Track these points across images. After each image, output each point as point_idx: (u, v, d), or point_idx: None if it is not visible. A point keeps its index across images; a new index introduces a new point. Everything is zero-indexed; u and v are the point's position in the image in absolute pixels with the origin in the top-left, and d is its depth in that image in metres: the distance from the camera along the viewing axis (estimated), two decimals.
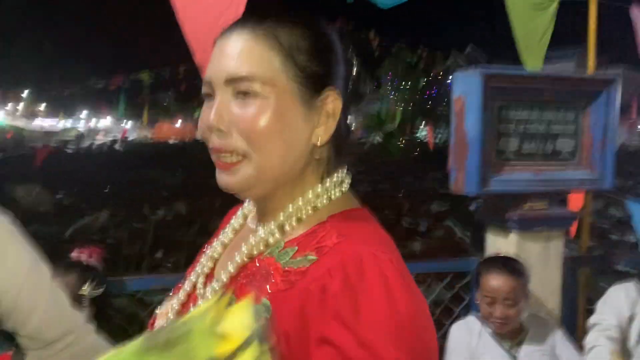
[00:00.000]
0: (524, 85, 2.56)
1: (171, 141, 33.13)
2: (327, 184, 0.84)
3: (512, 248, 2.61)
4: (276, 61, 0.78)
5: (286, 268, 0.76)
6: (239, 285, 0.80)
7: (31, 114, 44.46)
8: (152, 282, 2.31)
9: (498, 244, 2.71)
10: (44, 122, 42.98)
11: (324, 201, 0.83)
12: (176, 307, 0.90)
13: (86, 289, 1.85)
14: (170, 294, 0.97)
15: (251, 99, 0.77)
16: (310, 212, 0.82)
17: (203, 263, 0.92)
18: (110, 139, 31.68)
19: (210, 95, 0.81)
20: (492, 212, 2.73)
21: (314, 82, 0.80)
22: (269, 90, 0.77)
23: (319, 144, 0.81)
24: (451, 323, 2.81)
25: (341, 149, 0.86)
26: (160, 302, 2.59)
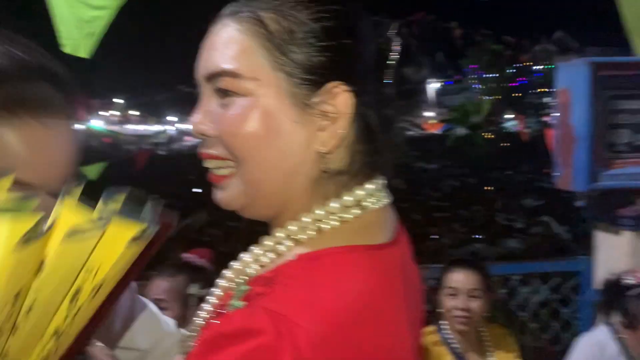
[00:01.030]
0: (636, 72, 2.39)
1: None
2: (333, 206, 0.65)
3: (625, 247, 2.46)
4: (261, 52, 0.64)
5: (227, 310, 0.64)
6: (210, 317, 0.70)
7: (125, 120, 47.32)
8: None
9: (609, 243, 2.56)
10: (136, 127, 45.56)
11: (312, 232, 0.65)
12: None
13: (194, 289, 1.92)
14: None
15: (230, 98, 0.65)
16: (291, 244, 0.66)
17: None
18: (199, 140, 32.97)
19: None
20: (602, 209, 2.57)
21: (312, 75, 0.63)
22: (251, 87, 0.64)
23: (322, 151, 0.64)
24: (563, 327, 2.69)
25: (367, 155, 0.67)
26: None
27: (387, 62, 0.68)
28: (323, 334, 0.54)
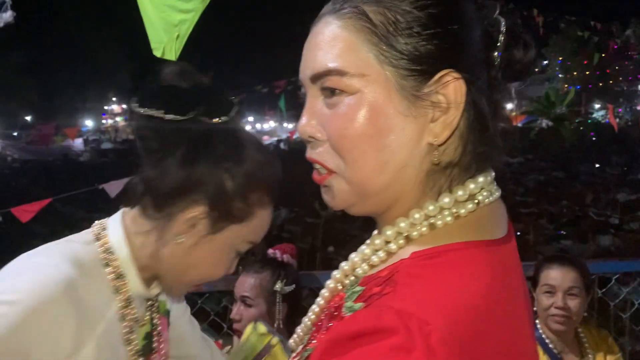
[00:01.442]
0: None
1: None
2: (445, 201, 0.63)
3: None
4: (366, 46, 0.62)
5: (343, 312, 0.64)
6: (320, 318, 0.71)
7: None
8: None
9: None
10: None
11: (424, 229, 0.63)
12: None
13: (279, 286, 1.93)
14: None
15: (337, 97, 0.63)
16: (402, 243, 0.64)
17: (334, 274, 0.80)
18: (276, 139, 33.75)
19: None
20: None
21: (422, 64, 0.61)
22: (358, 83, 0.62)
23: (435, 142, 0.62)
24: None
25: (479, 145, 0.64)
26: None
27: (495, 45, 0.65)
28: (452, 332, 0.52)
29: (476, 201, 0.64)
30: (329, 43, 0.63)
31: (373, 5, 0.62)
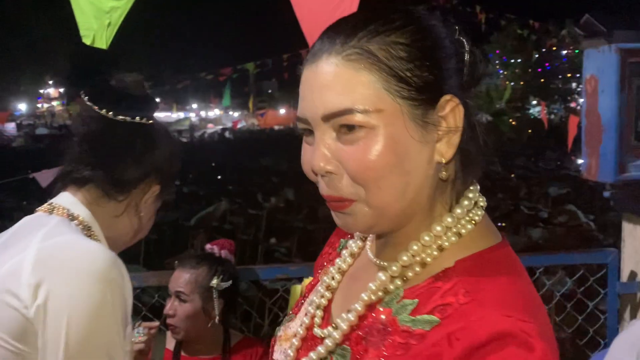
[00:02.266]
0: None
1: (276, 128, 34.19)
2: (458, 212, 0.71)
3: None
4: (377, 82, 0.66)
5: (404, 327, 0.67)
6: (356, 337, 0.72)
7: None
8: (278, 272, 2.39)
9: (637, 234, 2.49)
10: (159, 114, 45.94)
11: (452, 238, 0.70)
12: (296, 344, 0.82)
13: (215, 282, 1.92)
14: (290, 312, 0.91)
15: (356, 132, 0.66)
16: (435, 254, 0.70)
17: (320, 292, 0.83)
18: (221, 127, 33.29)
19: (309, 130, 0.71)
20: (630, 199, 2.50)
21: (427, 93, 0.67)
22: (375, 119, 0.66)
23: (443, 161, 0.69)
24: (584, 319, 2.64)
25: (470, 159, 0.72)
26: (283, 289, 2.64)
27: (464, 63, 0.72)
28: (539, 323, 0.62)
29: (480, 207, 0.73)
30: (339, 82, 0.67)
31: (376, 44, 0.67)
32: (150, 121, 1.20)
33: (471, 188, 0.73)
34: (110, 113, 1.13)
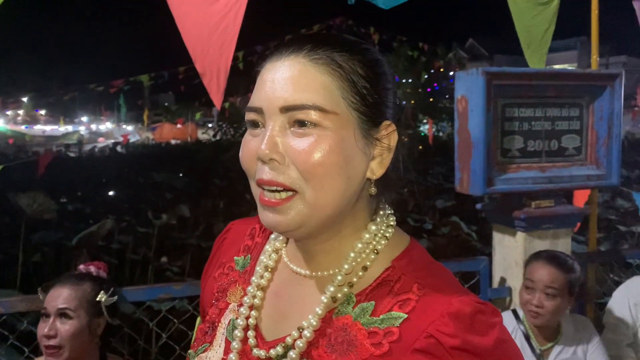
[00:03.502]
0: (527, 83, 2.53)
1: (173, 142, 33.21)
2: (378, 221, 0.79)
3: (520, 247, 2.60)
4: (337, 89, 0.72)
5: (370, 329, 0.71)
6: (318, 351, 0.74)
7: (32, 120, 44.55)
8: (160, 291, 2.30)
9: (505, 243, 2.69)
10: (45, 127, 43.07)
11: (382, 242, 0.78)
12: None
13: (102, 297, 1.86)
14: (197, 344, 0.88)
15: (309, 129, 0.71)
16: (372, 257, 0.77)
17: (244, 312, 0.82)
18: (112, 141, 31.74)
19: (256, 123, 0.75)
20: (499, 211, 2.71)
21: (373, 112, 0.74)
22: (329, 120, 0.71)
23: (373, 178, 0.76)
24: None
25: (389, 181, 0.80)
26: (167, 309, 2.55)
27: (398, 101, 0.81)
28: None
29: (392, 214, 0.82)
30: (305, 81, 0.72)
31: (341, 57, 0.74)
32: None
33: (382, 203, 0.82)
34: None
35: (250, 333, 0.80)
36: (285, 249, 0.86)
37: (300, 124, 0.71)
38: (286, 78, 0.72)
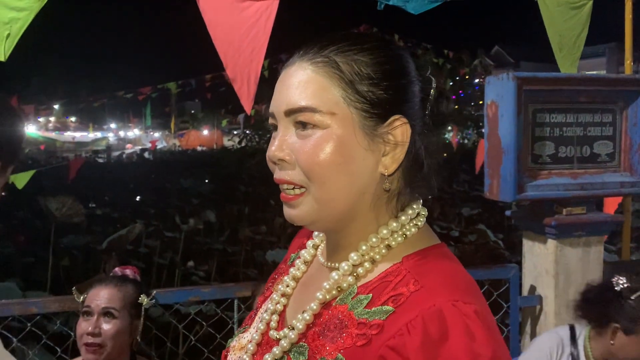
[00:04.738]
0: (558, 88, 2.50)
1: (199, 149, 33.59)
2: (402, 219, 0.80)
3: (551, 255, 2.56)
4: (336, 89, 0.75)
5: (360, 319, 0.73)
6: (313, 334, 0.77)
7: (62, 126, 45.55)
8: (189, 294, 2.32)
9: (536, 250, 2.65)
10: (74, 134, 44.00)
11: (399, 239, 0.79)
12: (252, 349, 0.86)
13: (144, 299, 1.91)
14: (240, 326, 0.96)
15: (310, 129, 0.75)
16: (384, 252, 0.78)
17: (275, 299, 0.89)
18: (140, 147, 32.25)
19: (275, 127, 0.80)
20: (529, 218, 2.67)
21: (378, 109, 0.76)
22: (328, 120, 0.75)
23: (386, 173, 0.77)
24: None
25: (414, 179, 0.80)
26: (195, 312, 2.60)
27: (428, 98, 0.82)
28: (479, 304, 0.70)
29: (423, 216, 0.82)
30: (304, 84, 0.76)
31: (342, 57, 0.76)
32: None
33: (417, 201, 0.82)
34: None
35: (275, 317, 0.86)
36: (322, 244, 0.91)
37: (303, 125, 0.76)
38: (289, 84, 0.77)
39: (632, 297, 1.93)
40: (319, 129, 0.75)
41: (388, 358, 0.67)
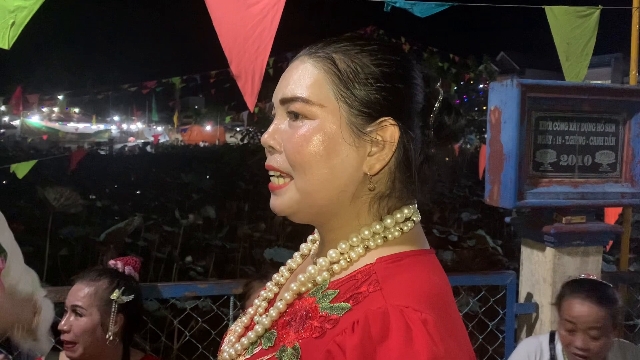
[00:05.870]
0: (562, 96, 2.50)
1: (201, 144, 33.60)
2: (388, 222, 0.79)
3: (549, 263, 2.55)
4: (328, 84, 0.77)
5: (322, 313, 0.74)
6: (282, 322, 0.80)
7: (66, 117, 45.58)
8: (185, 289, 2.32)
9: (534, 258, 2.65)
10: (77, 125, 44.00)
11: (379, 241, 0.79)
12: (239, 331, 0.90)
13: (116, 294, 1.85)
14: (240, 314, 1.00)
15: (301, 120, 0.78)
16: (361, 252, 0.79)
17: (269, 287, 0.93)
18: (142, 141, 32.27)
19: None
20: (528, 225, 2.67)
21: (369, 108, 0.77)
22: (317, 112, 0.77)
23: (369, 173, 0.77)
24: (484, 337, 2.76)
25: (407, 183, 0.80)
26: (191, 307, 2.59)
27: (432, 109, 0.82)
28: (432, 315, 0.67)
29: (413, 221, 0.81)
30: (301, 76, 0.79)
31: (342, 55, 0.78)
32: None
33: (409, 206, 0.81)
34: None
35: (264, 303, 0.91)
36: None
37: (295, 116, 0.79)
38: (289, 75, 0.81)
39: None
40: (308, 119, 0.78)
41: (333, 353, 0.68)
